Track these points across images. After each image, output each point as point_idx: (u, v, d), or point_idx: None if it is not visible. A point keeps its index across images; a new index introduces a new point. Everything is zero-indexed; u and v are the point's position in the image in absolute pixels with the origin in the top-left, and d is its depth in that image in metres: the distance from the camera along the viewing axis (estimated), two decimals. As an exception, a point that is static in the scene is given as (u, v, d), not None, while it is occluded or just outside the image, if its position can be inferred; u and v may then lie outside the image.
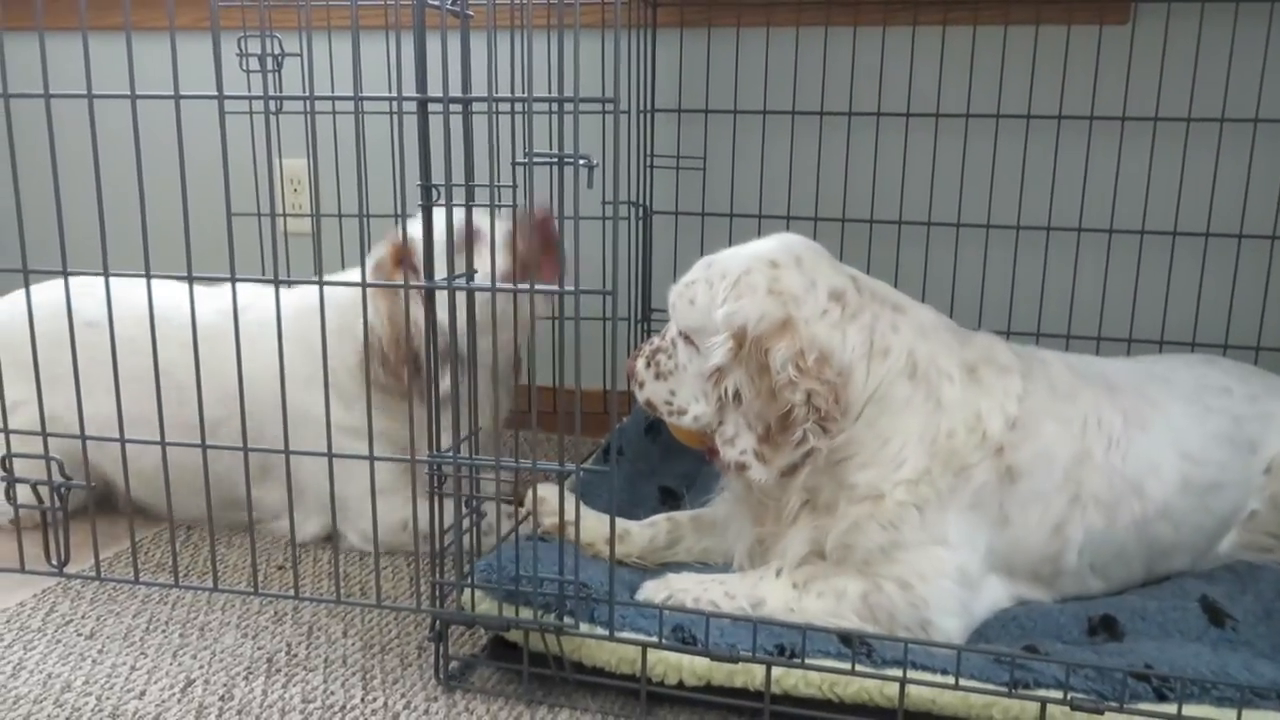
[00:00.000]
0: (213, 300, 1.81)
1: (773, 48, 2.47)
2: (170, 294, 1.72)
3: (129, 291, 1.69)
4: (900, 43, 2.41)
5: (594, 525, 1.74)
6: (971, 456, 1.58)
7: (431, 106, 1.43)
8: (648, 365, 1.72)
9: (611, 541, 1.49)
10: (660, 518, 1.89)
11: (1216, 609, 1.64)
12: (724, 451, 1.59)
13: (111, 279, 1.60)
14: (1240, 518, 1.80)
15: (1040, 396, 1.65)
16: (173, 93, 1.49)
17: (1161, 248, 2.33)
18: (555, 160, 1.38)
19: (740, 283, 1.59)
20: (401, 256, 1.76)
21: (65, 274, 1.62)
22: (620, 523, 1.84)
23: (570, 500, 1.56)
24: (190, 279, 1.57)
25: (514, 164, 1.44)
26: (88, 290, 1.76)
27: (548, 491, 1.81)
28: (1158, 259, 2.34)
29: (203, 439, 1.59)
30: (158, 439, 1.62)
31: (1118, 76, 2.30)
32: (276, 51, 2.36)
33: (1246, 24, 2.20)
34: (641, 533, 1.86)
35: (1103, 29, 2.30)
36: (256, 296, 1.83)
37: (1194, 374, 1.85)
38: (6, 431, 1.69)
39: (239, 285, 1.56)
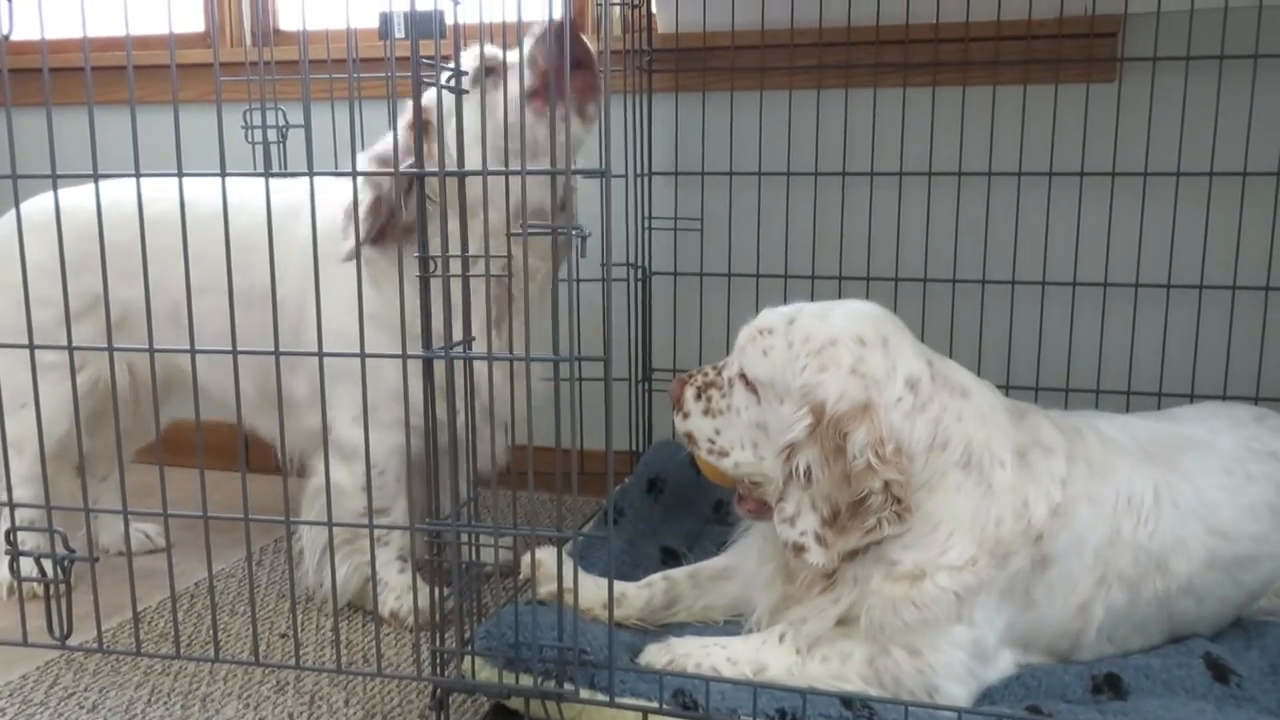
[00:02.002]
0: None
1: (767, 110, 2.52)
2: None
3: (196, 197, 1.66)
4: (892, 104, 2.45)
5: (591, 590, 1.72)
6: (1015, 544, 1.56)
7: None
8: (698, 397, 1.69)
9: (610, 607, 1.49)
10: (657, 577, 1.88)
11: (1221, 665, 1.63)
12: (781, 530, 1.56)
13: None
14: (1276, 587, 1.78)
15: (1079, 479, 1.62)
16: (176, 170, 1.53)
17: (1156, 300, 2.35)
18: (549, 230, 1.41)
19: (824, 354, 1.56)
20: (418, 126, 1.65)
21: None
22: (617, 585, 1.81)
23: (568, 565, 1.56)
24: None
25: (509, 234, 1.46)
26: (160, 193, 1.72)
27: (546, 555, 1.80)
28: (1153, 311, 2.36)
29: (234, 344, 1.57)
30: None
31: (1107, 132, 2.34)
32: (281, 123, 2.42)
33: (1231, 79, 2.24)
34: (638, 594, 1.85)
35: (1090, 87, 2.34)
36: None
37: (1241, 436, 1.80)
38: (12, 505, 1.71)
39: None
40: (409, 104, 1.51)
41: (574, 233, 1.37)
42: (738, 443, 1.65)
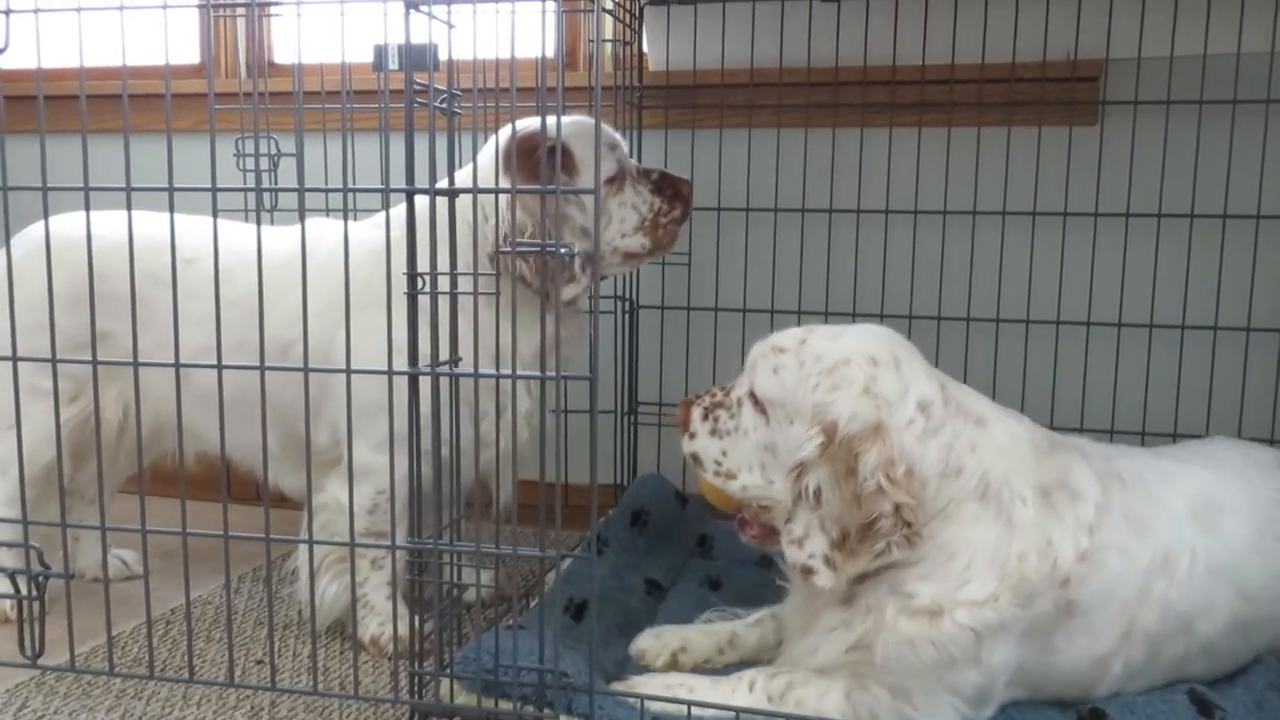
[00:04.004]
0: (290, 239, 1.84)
1: (755, 148, 2.55)
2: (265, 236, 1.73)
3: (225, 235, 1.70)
4: (878, 143, 2.48)
5: (702, 641, 1.78)
6: (1040, 585, 1.50)
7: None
8: (705, 417, 1.66)
9: (591, 640, 1.47)
10: (764, 614, 1.84)
11: (1205, 701, 1.61)
12: (789, 552, 1.53)
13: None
14: (1275, 646, 1.75)
15: (1112, 528, 1.57)
16: (167, 185, 1.53)
17: (1138, 339, 2.37)
18: (538, 249, 1.42)
19: (837, 373, 1.54)
20: (529, 147, 1.72)
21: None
22: (725, 628, 1.83)
23: (669, 630, 1.66)
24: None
25: (498, 251, 1.47)
26: (187, 229, 1.79)
27: (647, 644, 1.80)
28: (1136, 350, 2.38)
29: (261, 361, 1.59)
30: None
31: (1089, 174, 2.37)
32: (273, 152, 2.45)
33: (1211, 123, 2.28)
34: (749, 634, 1.82)
35: (1073, 130, 2.38)
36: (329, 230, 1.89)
37: (1271, 489, 1.75)
38: (-13, 520, 1.68)
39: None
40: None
41: (563, 250, 1.38)
42: (745, 465, 1.62)
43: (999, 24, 2.35)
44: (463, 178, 1.76)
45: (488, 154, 1.89)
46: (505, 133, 1.80)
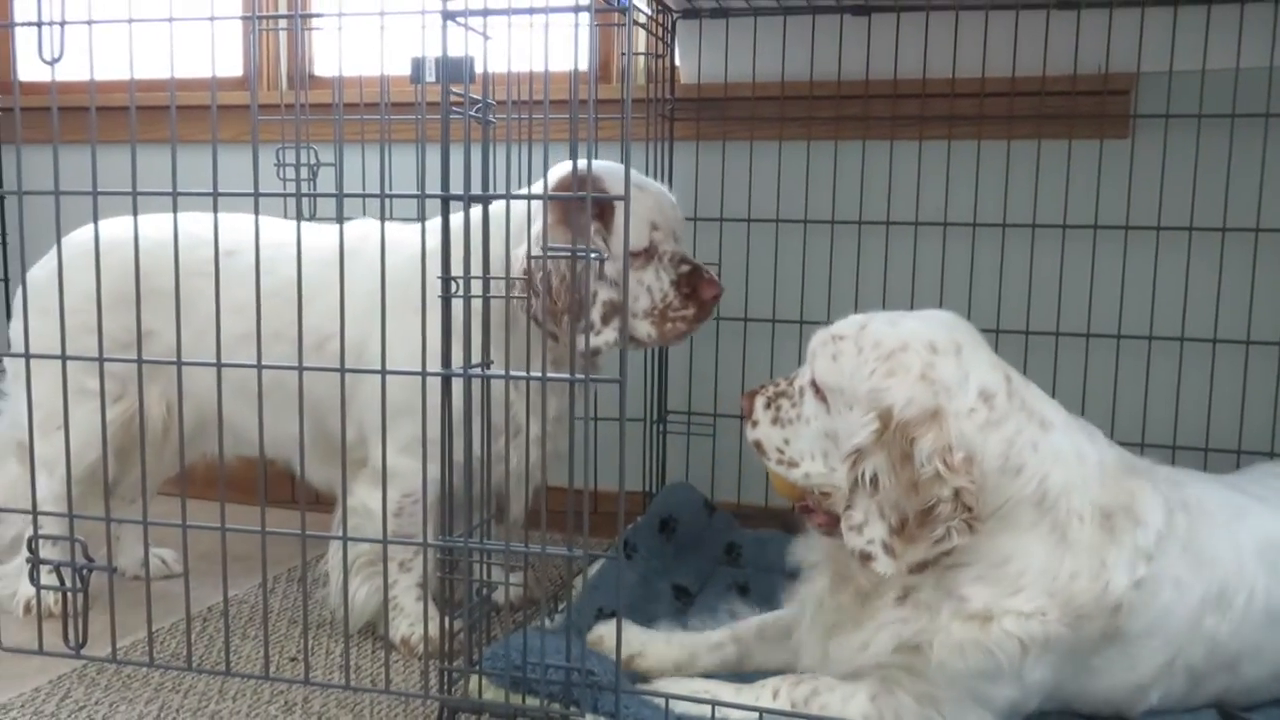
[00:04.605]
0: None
1: (785, 160, 2.57)
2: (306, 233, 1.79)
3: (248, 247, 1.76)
4: (908, 156, 2.50)
5: (662, 649, 1.75)
6: (1089, 608, 1.49)
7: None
8: (767, 406, 1.66)
9: (619, 636, 1.49)
10: (726, 638, 1.83)
11: (1232, 715, 1.61)
12: (848, 538, 1.51)
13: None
14: None
15: (1170, 559, 1.55)
16: (211, 190, 1.59)
17: (1169, 352, 2.37)
18: (569, 254, 1.45)
19: (893, 359, 1.52)
20: (568, 187, 1.69)
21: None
22: (687, 645, 1.81)
23: (634, 631, 1.58)
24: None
25: (529, 256, 1.51)
26: (229, 225, 1.83)
27: (605, 630, 1.76)
28: (1166, 364, 2.37)
29: (300, 360, 1.64)
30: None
31: (1120, 187, 2.38)
32: (312, 161, 2.50)
33: (1243, 135, 2.28)
34: (710, 657, 1.81)
35: (1103, 143, 2.39)
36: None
37: None
38: (35, 514, 1.74)
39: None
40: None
41: (592, 255, 1.42)
42: (807, 453, 1.61)
43: (1029, 37, 2.36)
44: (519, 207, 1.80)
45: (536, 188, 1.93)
46: (558, 170, 1.80)
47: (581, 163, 1.51)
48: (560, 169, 1.79)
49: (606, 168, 1.78)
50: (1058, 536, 1.50)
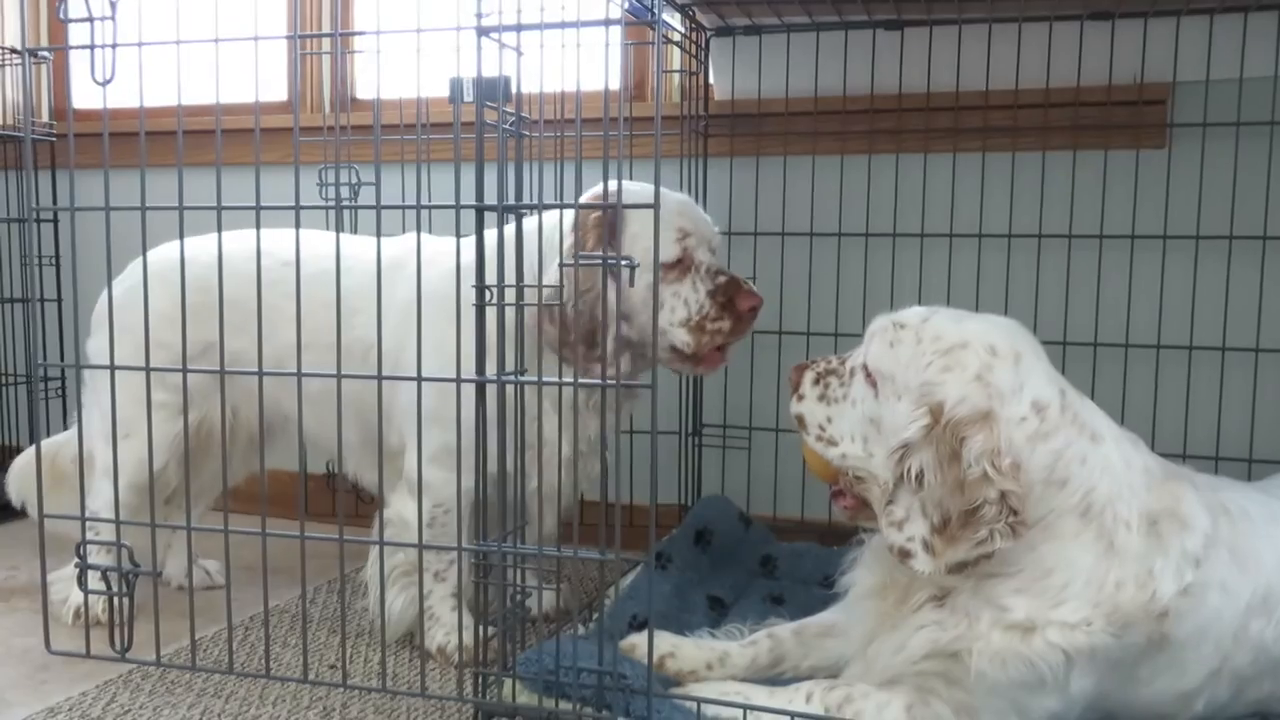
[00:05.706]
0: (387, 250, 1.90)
1: (819, 174, 2.59)
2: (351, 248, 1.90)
3: (314, 245, 1.86)
4: (942, 168, 2.50)
5: (692, 652, 1.74)
6: (1135, 616, 1.46)
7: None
8: (816, 382, 1.66)
9: (650, 640, 1.51)
10: (761, 635, 1.81)
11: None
12: (888, 533, 1.50)
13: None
14: None
15: (1217, 563, 1.53)
16: (254, 203, 1.64)
17: (1210, 362, 2.34)
18: (600, 261, 1.48)
19: (952, 354, 1.50)
20: (602, 225, 1.71)
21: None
22: (719, 644, 1.81)
23: (666, 634, 1.59)
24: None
25: (561, 265, 1.53)
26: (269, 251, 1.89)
27: (638, 639, 1.74)
28: (1208, 374, 2.35)
29: (339, 369, 1.72)
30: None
31: (1157, 197, 2.36)
32: (353, 181, 2.57)
33: (1282, 145, 2.26)
34: (742, 654, 1.78)
35: (1140, 153, 2.37)
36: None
37: None
38: (84, 520, 1.79)
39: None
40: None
41: (623, 263, 1.44)
42: (848, 434, 1.60)
43: (1063, 48, 2.37)
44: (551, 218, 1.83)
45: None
46: (590, 192, 1.81)
47: (612, 183, 1.53)
48: (593, 190, 1.82)
49: (633, 188, 1.80)
50: (1104, 545, 1.48)
